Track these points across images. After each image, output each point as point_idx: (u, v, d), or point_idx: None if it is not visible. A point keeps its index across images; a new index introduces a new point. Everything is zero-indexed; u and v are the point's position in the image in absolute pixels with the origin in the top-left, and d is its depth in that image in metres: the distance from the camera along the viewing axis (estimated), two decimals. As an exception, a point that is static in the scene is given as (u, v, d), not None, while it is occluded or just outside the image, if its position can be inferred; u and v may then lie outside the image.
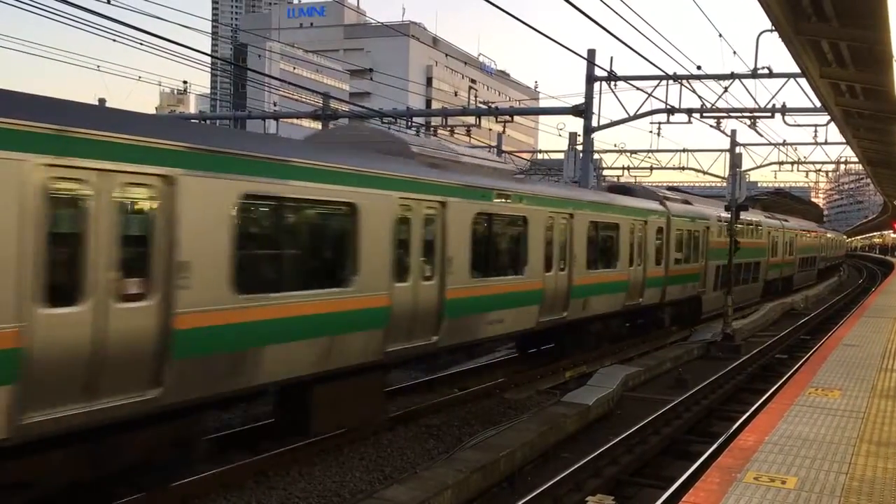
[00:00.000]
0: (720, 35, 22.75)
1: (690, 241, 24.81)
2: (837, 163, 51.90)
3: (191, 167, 8.55)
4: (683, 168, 46.43)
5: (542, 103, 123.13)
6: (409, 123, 33.06)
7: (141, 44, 19.29)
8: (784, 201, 55.23)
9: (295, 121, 46.62)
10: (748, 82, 27.30)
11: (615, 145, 45.58)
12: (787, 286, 42.08)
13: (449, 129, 33.62)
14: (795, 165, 48.79)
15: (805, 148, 50.01)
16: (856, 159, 39.86)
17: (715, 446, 11.93)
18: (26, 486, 7.67)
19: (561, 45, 16.56)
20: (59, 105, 7.74)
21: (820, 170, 52.94)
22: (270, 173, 9.54)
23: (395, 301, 11.63)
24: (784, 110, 28.67)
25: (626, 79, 27.13)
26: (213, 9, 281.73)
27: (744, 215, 29.27)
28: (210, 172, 8.79)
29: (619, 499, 10.23)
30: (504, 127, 33.86)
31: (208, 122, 39.16)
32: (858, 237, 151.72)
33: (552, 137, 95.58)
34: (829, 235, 66.96)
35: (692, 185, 76.52)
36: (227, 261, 8.95)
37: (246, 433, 11.91)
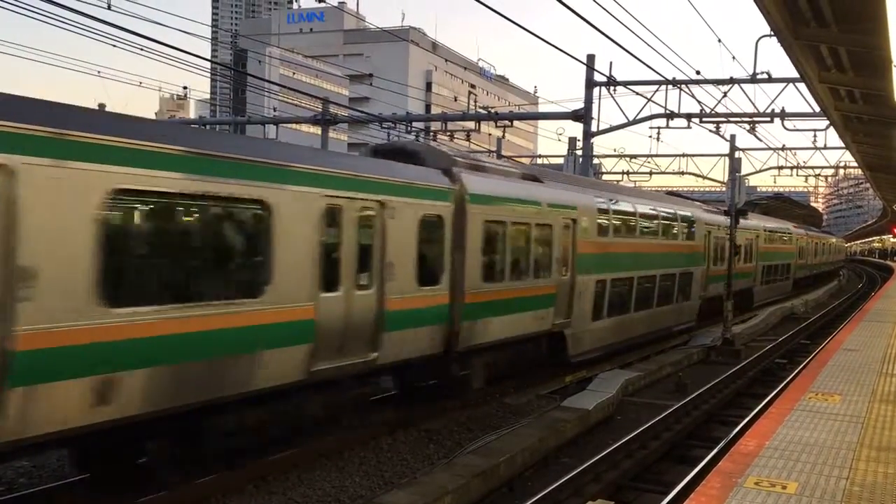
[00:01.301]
0: (719, 40, 22.79)
1: (528, 244, 15.48)
2: (836, 167, 52.11)
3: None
4: (683, 173, 46.51)
5: (542, 108, 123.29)
6: (409, 128, 33.11)
7: (141, 49, 19.33)
8: (783, 206, 55.24)
9: (295, 126, 46.63)
10: (747, 87, 27.33)
11: (615, 150, 45.77)
12: (744, 302, 33.77)
13: (448, 133, 33.68)
14: (795, 170, 48.94)
15: (804, 152, 49.91)
16: (855, 164, 39.94)
17: (715, 451, 11.92)
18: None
19: (560, 50, 16.59)
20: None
21: (819, 174, 53.03)
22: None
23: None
24: (783, 115, 28.75)
25: (625, 84, 27.20)
26: (213, 14, 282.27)
27: (671, 206, 23.69)
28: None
29: (620, 504, 10.23)
30: (504, 132, 33.92)
31: (208, 127, 39.19)
32: (858, 241, 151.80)
33: (552, 142, 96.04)
34: (815, 238, 55.32)
35: (692, 189, 76.68)
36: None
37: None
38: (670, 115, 28.42)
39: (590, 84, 27.32)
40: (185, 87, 36.42)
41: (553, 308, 16.40)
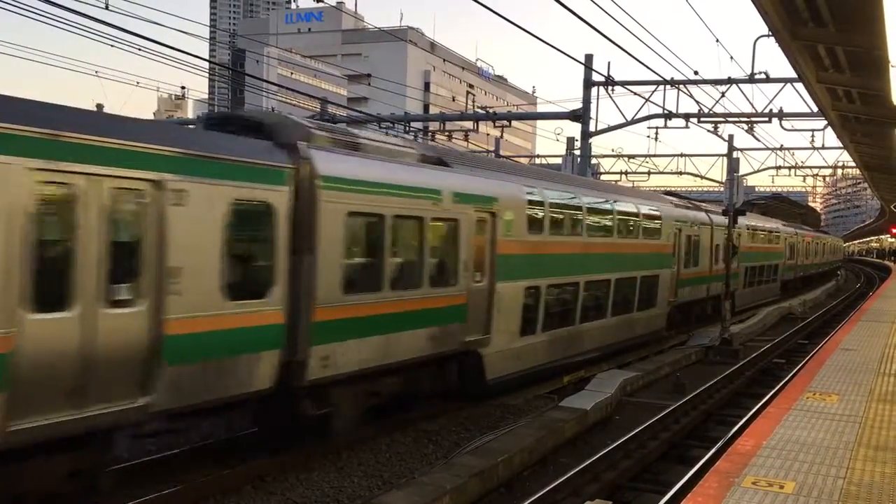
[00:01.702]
0: (717, 40, 22.82)
1: (422, 244, 12.43)
2: (835, 167, 52.18)
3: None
4: (681, 173, 46.57)
5: (540, 108, 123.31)
6: (407, 128, 33.11)
7: (139, 49, 19.33)
8: (781, 206, 55.30)
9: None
10: (745, 87, 27.35)
11: (613, 150, 45.90)
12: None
13: (447, 133, 33.69)
14: (793, 170, 49.01)
15: (802, 152, 49.98)
16: (853, 164, 40.01)
17: (713, 451, 11.94)
18: None
19: (558, 50, 16.63)
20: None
21: (817, 174, 53.12)
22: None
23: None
24: (781, 115, 28.77)
25: (623, 84, 27.21)
26: (211, 14, 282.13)
27: (630, 199, 20.77)
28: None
29: (618, 504, 10.24)
30: (502, 132, 33.95)
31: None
32: (856, 241, 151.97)
33: (550, 142, 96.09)
34: (808, 237, 51.92)
35: (690, 189, 76.74)
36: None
37: (247, 438, 11.91)
38: (668, 116, 28.43)
39: (588, 84, 27.33)
40: (183, 87, 36.44)
41: (463, 323, 13.38)
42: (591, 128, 27.64)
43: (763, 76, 26.39)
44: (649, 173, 47.61)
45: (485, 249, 14.05)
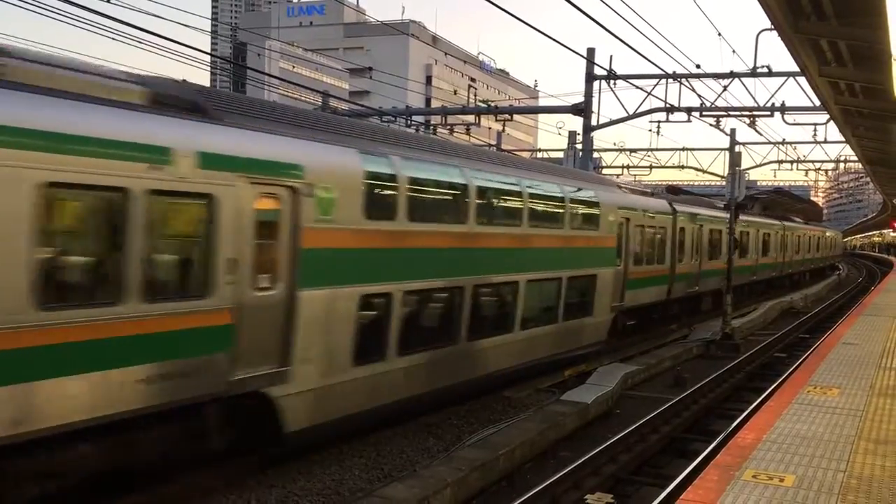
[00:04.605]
0: (719, 34, 22.79)
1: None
2: (837, 161, 52.05)
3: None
4: (683, 167, 46.52)
5: (542, 102, 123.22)
6: (409, 122, 33.09)
7: (140, 42, 19.29)
8: (784, 200, 55.18)
9: (294, 119, 46.50)
10: (747, 81, 27.33)
11: (615, 144, 45.81)
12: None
13: (448, 127, 33.66)
14: (795, 164, 48.94)
15: (804, 147, 49.90)
16: (855, 158, 39.97)
17: (714, 445, 11.95)
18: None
19: (560, 43, 16.59)
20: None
21: (819, 168, 53.06)
22: None
23: None
24: (783, 109, 28.72)
25: (625, 77, 27.16)
26: (213, 7, 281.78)
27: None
28: None
29: (618, 497, 10.26)
30: (504, 125, 33.92)
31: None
32: (858, 236, 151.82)
33: (552, 136, 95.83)
34: (704, 221, 27.13)
35: (692, 183, 76.54)
36: None
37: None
38: (670, 109, 28.39)
39: (590, 78, 27.29)
40: (184, 81, 36.38)
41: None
42: (593, 122, 27.62)
43: (765, 70, 26.35)
44: (651, 167, 47.57)
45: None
